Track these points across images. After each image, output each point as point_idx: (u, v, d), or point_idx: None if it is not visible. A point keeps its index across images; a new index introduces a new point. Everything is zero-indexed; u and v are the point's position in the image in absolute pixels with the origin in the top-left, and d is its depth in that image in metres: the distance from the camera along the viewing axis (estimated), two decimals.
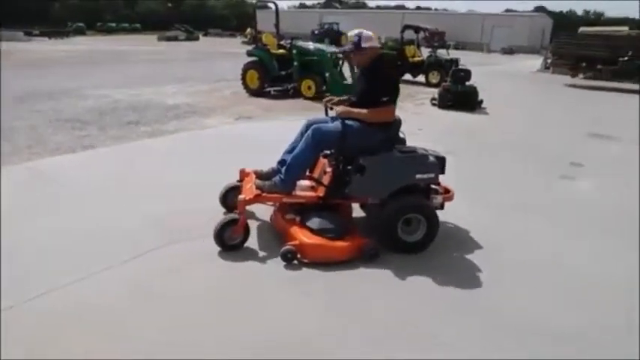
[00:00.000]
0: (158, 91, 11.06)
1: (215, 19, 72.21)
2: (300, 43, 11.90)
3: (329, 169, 3.64)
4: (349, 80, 11.27)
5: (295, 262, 3.25)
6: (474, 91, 10.83)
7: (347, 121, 3.50)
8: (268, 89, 11.32)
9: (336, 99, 3.92)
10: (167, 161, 5.66)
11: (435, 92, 11.43)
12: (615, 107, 12.86)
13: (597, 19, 72.84)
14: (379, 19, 54.39)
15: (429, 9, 77.04)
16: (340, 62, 11.43)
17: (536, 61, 28.17)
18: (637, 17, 61.18)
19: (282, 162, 3.73)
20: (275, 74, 11.16)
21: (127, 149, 6.12)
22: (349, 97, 3.87)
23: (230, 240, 3.39)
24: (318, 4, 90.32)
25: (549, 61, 23.83)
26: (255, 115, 8.85)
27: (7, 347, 2.31)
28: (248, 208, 3.66)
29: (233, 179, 4.11)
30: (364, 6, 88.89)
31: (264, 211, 4.00)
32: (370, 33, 3.66)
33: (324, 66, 10.73)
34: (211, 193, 4.06)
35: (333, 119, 3.65)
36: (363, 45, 3.58)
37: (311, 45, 11.97)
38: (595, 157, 6.87)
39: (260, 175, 3.78)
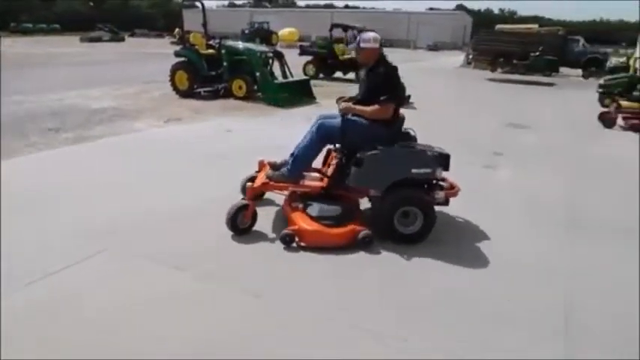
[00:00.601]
0: (82, 95, 10.59)
1: (141, 18, 69.71)
2: (229, 42, 11.80)
3: (334, 162, 3.96)
4: (280, 79, 11.36)
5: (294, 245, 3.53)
6: (401, 87, 11.22)
7: (350, 118, 3.79)
8: (198, 90, 11.14)
9: (346, 97, 4.18)
10: (89, 169, 5.45)
11: None
12: (527, 99, 13.82)
13: (511, 17, 77.40)
14: (308, 17, 54.85)
15: (357, 8, 78.42)
16: (270, 61, 11.47)
17: (459, 57, 29.53)
18: (546, 16, 65.74)
19: (293, 154, 4.00)
20: (204, 74, 11.00)
21: (46, 157, 5.83)
22: (356, 95, 4.09)
23: (242, 224, 3.67)
24: (248, 3, 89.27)
25: (471, 56, 25.07)
26: (184, 116, 8.69)
27: None
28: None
29: (158, 183, 4.08)
30: (294, 5, 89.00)
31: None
32: (371, 35, 3.86)
33: (254, 65, 10.71)
34: (133, 197, 3.99)
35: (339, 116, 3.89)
36: (362, 45, 3.85)
37: (240, 44, 11.91)
38: (513, 146, 7.38)
39: (273, 166, 4.12)
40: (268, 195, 4.39)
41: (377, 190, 3.74)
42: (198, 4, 12.47)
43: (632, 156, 7.13)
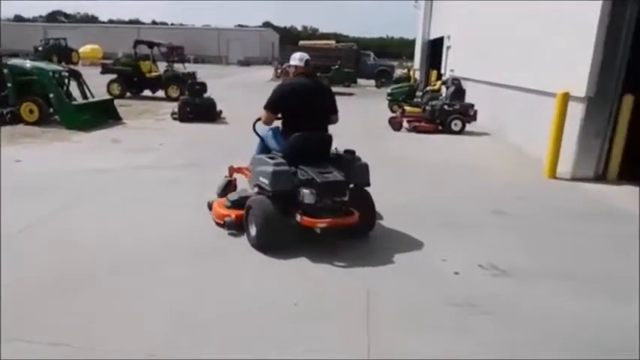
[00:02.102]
0: None
1: None
2: (13, 61, 10.55)
3: None
4: (80, 100, 10.51)
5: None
6: (211, 103, 11.35)
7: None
8: None
9: None
10: None
11: (175, 106, 11.54)
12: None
13: (313, 33, 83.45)
14: (113, 33, 51.64)
15: (165, 24, 76.27)
16: (67, 81, 10.55)
17: (268, 71, 30.80)
18: (343, 33, 72.79)
19: None
20: None
21: None
22: None
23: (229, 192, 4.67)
24: (40, 17, 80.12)
25: (279, 71, 26.35)
26: None
27: None
28: None
29: None
30: (95, 20, 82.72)
31: None
32: (298, 54, 4.56)
33: (47, 86, 9.70)
34: None
35: None
36: (291, 62, 4.52)
37: (28, 63, 10.67)
38: None
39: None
40: None
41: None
42: None
43: (412, 155, 8.38)
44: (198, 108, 11.05)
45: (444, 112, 10.70)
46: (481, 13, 12.46)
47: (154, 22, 79.23)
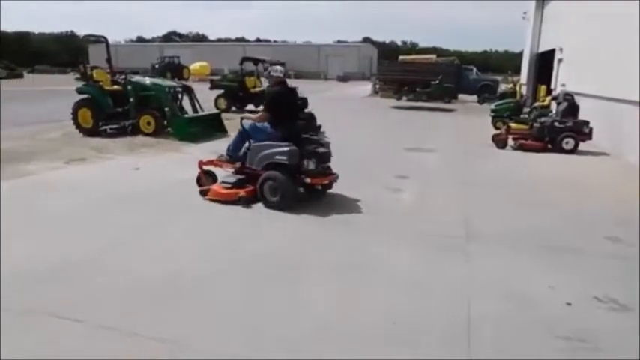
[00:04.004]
0: None
1: (43, 54, 66.04)
2: (135, 78, 11.54)
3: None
4: (190, 113, 11.25)
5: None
6: (311, 117, 11.58)
7: (250, 124, 5.89)
8: (104, 128, 10.71)
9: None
10: None
11: None
12: (430, 124, 14.77)
13: (413, 48, 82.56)
14: (220, 51, 54.88)
15: (268, 41, 79.88)
16: (180, 96, 11.34)
17: (366, 87, 30.95)
18: (444, 47, 71.15)
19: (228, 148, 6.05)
20: (110, 111, 10.64)
21: None
22: None
23: (204, 184, 5.91)
24: (158, 37, 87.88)
25: (377, 86, 26.36)
26: (88, 156, 8.31)
27: None
28: None
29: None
30: (205, 39, 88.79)
31: None
32: (277, 67, 6.06)
33: (162, 100, 10.53)
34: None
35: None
36: (272, 74, 5.95)
37: (147, 80, 11.66)
38: (417, 168, 7.86)
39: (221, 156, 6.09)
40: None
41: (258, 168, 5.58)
42: (102, 39, 12.13)
43: (520, 177, 7.88)
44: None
45: (554, 129, 9.98)
46: (599, 23, 11.53)
47: (258, 40, 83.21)
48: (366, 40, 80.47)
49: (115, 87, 10.98)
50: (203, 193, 5.73)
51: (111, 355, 2.68)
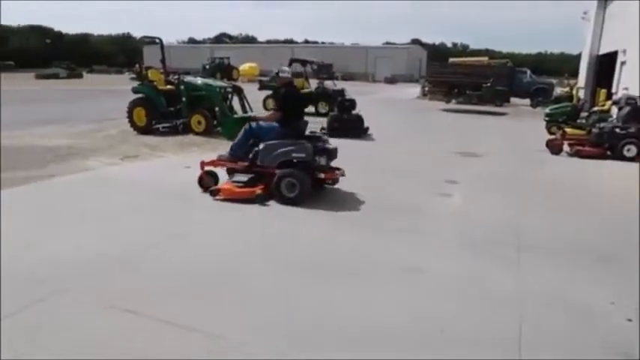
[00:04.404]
0: (35, 133, 10.32)
1: (100, 55, 69.16)
2: (187, 78, 11.84)
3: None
4: (240, 113, 11.43)
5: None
6: (359, 119, 11.52)
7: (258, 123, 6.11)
8: (157, 126, 11.06)
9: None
10: (41, 208, 5.31)
11: (324, 122, 11.94)
12: (480, 128, 14.37)
13: (464, 50, 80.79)
14: (269, 53, 55.71)
15: (316, 42, 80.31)
16: (230, 96, 11.55)
17: (414, 89, 30.54)
18: (496, 49, 69.01)
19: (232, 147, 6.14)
20: (163, 110, 10.98)
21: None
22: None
23: (207, 184, 5.92)
24: (209, 39, 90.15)
25: (426, 88, 25.95)
26: (142, 153, 8.60)
27: None
28: None
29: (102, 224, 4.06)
30: (254, 40, 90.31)
31: None
32: (285, 68, 6.47)
33: (213, 101, 10.75)
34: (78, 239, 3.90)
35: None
36: (280, 75, 6.29)
37: (199, 80, 11.95)
38: (467, 174, 7.64)
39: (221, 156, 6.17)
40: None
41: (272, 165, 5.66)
42: (157, 40, 12.53)
43: (577, 184, 7.52)
44: (346, 124, 11.27)
45: (614, 135, 9.49)
46: None
47: (306, 41, 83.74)
48: (415, 41, 79.46)
49: (169, 87, 11.31)
50: (213, 193, 5.66)
51: (160, 346, 2.72)
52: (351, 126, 11.27)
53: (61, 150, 8.56)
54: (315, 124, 12.91)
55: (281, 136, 5.75)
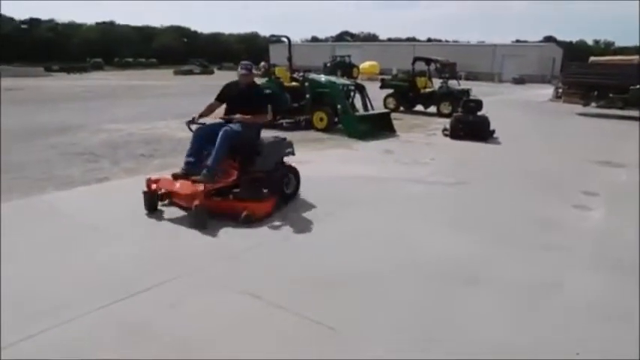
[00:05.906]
0: (170, 125, 11.18)
1: (229, 52, 74.00)
2: (312, 75, 12.09)
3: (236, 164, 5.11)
4: (361, 112, 11.42)
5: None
6: (485, 121, 10.86)
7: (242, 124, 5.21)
8: (280, 121, 11.44)
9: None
10: None
11: (446, 122, 11.48)
12: (625, 135, 12.73)
13: (607, 48, 72.98)
14: (390, 51, 55.21)
15: (439, 40, 77.99)
16: (352, 94, 11.57)
17: (546, 91, 28.26)
18: None
19: (188, 163, 5.15)
20: (287, 106, 11.33)
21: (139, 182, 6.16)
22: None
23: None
24: (331, 37, 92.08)
25: (560, 90, 23.82)
26: None
27: None
28: None
29: None
30: (375, 38, 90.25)
31: None
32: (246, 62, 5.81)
33: (336, 98, 10.85)
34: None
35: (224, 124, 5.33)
36: (254, 71, 5.87)
37: (323, 77, 12.16)
38: (608, 186, 6.80)
39: (177, 176, 5.01)
40: None
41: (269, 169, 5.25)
42: (284, 39, 12.97)
43: None
44: (471, 126, 10.69)
45: None
46: None
47: (429, 39, 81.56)
48: (549, 39, 73.57)
49: (294, 83, 11.63)
50: (249, 220, 4.61)
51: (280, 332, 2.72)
52: (475, 128, 10.65)
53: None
54: (436, 125, 12.57)
55: (255, 137, 5.37)
